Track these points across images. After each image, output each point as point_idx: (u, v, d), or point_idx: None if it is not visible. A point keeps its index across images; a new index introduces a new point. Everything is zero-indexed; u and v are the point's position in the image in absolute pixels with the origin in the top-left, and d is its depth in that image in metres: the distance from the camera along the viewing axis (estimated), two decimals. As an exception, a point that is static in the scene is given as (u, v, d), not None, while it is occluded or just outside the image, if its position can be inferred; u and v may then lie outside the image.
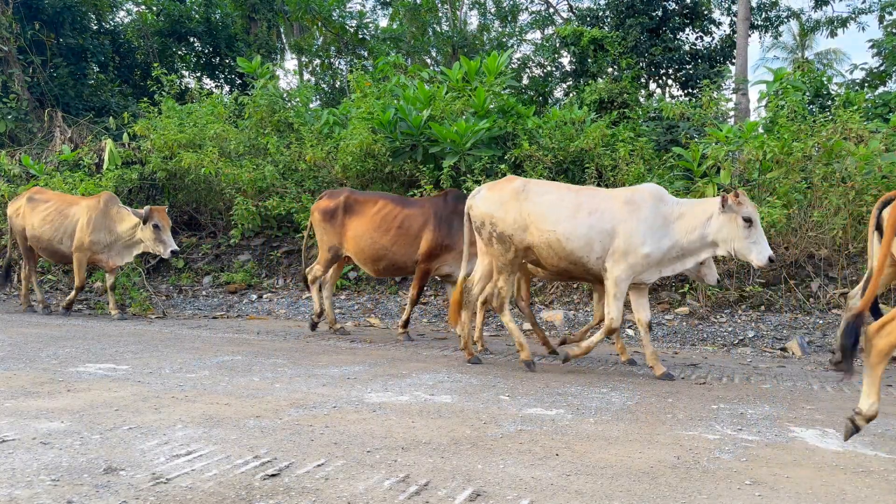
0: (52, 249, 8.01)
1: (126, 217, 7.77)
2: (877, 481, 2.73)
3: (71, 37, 14.73)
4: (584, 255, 4.83)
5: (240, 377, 4.48)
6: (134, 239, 7.78)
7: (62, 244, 7.91)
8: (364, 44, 20.43)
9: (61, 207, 7.99)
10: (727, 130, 8.24)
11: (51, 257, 8.23)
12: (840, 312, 7.08)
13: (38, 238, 8.00)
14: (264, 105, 10.82)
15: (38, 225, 7.98)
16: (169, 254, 7.56)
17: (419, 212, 6.47)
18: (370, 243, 6.52)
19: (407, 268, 6.60)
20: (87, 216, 7.77)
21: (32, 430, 3.11)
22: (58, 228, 7.90)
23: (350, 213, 6.68)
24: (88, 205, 7.87)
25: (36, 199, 8.14)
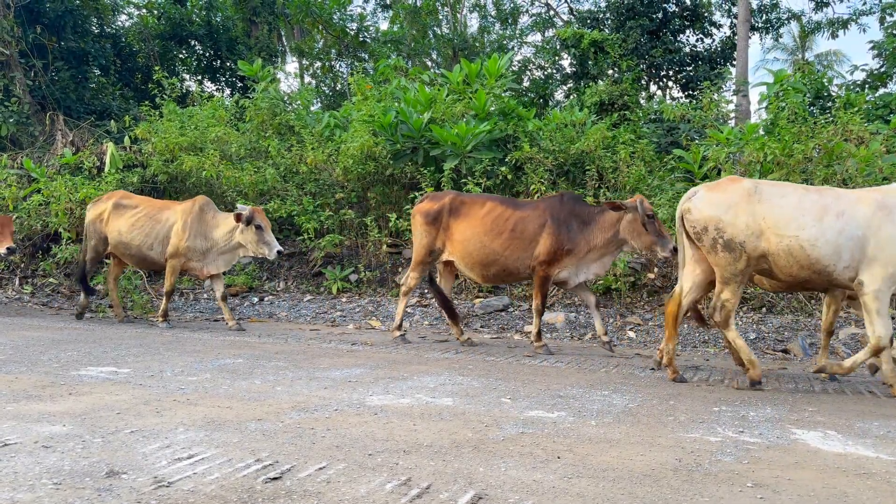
0: (140, 256, 7.53)
1: (222, 222, 7.33)
2: (879, 483, 2.73)
3: (72, 40, 14.75)
4: (831, 263, 4.42)
5: (241, 380, 4.48)
6: (231, 244, 7.26)
7: (152, 250, 7.43)
8: (365, 46, 20.46)
9: (151, 212, 7.55)
10: (728, 132, 8.24)
11: (138, 264, 7.82)
12: (841, 314, 7.07)
13: (126, 244, 7.52)
14: (265, 108, 10.84)
15: (127, 231, 7.50)
16: (275, 254, 7.05)
17: (534, 214, 6.06)
18: (479, 247, 6.12)
19: (519, 274, 6.17)
20: (182, 221, 7.32)
21: (34, 433, 3.11)
22: (148, 234, 7.43)
23: (456, 215, 6.29)
24: (183, 209, 7.44)
25: (123, 205, 7.67)
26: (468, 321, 7.83)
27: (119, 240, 7.56)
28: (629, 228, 5.81)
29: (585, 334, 7.23)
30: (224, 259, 7.40)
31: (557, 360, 5.66)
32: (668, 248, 5.67)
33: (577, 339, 7.13)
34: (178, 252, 7.29)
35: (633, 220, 5.78)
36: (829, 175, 7.40)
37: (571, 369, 5.25)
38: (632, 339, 7.01)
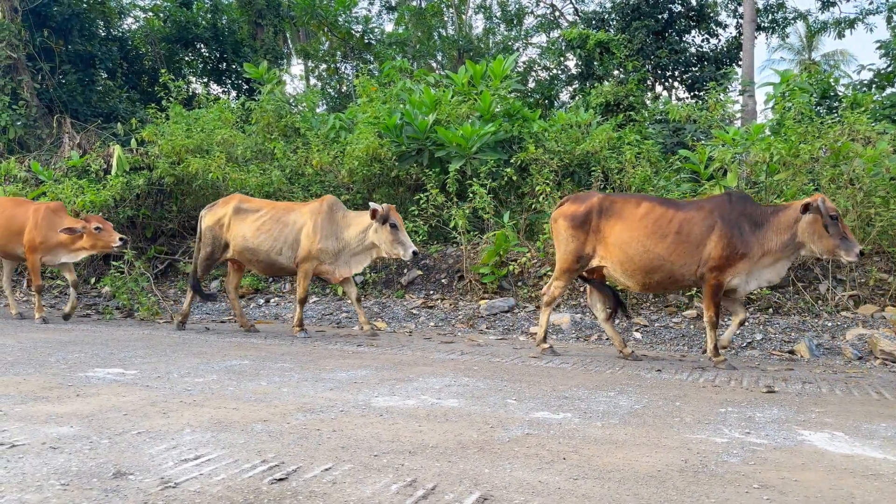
0: (268, 262, 7.02)
1: (354, 221, 6.89)
2: (886, 485, 2.72)
3: (79, 43, 14.83)
4: None
5: (247, 382, 4.49)
6: (364, 244, 6.83)
7: (281, 255, 6.92)
8: (370, 48, 20.50)
9: (277, 215, 7.03)
10: (734, 133, 8.22)
11: (264, 270, 7.27)
12: (848, 314, 7.04)
13: (252, 250, 6.97)
14: (271, 110, 10.87)
15: (252, 235, 6.97)
16: (410, 255, 6.58)
17: (699, 215, 5.50)
18: (641, 251, 5.54)
19: (683, 280, 5.62)
20: (312, 222, 6.85)
21: (42, 434, 3.13)
22: (276, 238, 6.91)
23: (608, 217, 5.74)
24: (311, 210, 6.97)
25: (244, 209, 7.16)
26: (473, 322, 7.83)
27: (245, 245, 7.02)
28: (808, 231, 5.28)
29: (591, 335, 7.22)
30: (356, 261, 6.98)
31: (563, 362, 5.65)
32: (854, 253, 5.20)
33: (583, 340, 7.12)
34: (310, 255, 6.81)
35: (814, 221, 5.25)
36: (835, 175, 7.37)
37: (577, 370, 5.25)
38: (638, 341, 6.99)
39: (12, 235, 7.85)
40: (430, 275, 9.06)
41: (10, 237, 7.87)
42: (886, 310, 6.98)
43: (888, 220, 7.19)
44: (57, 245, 7.70)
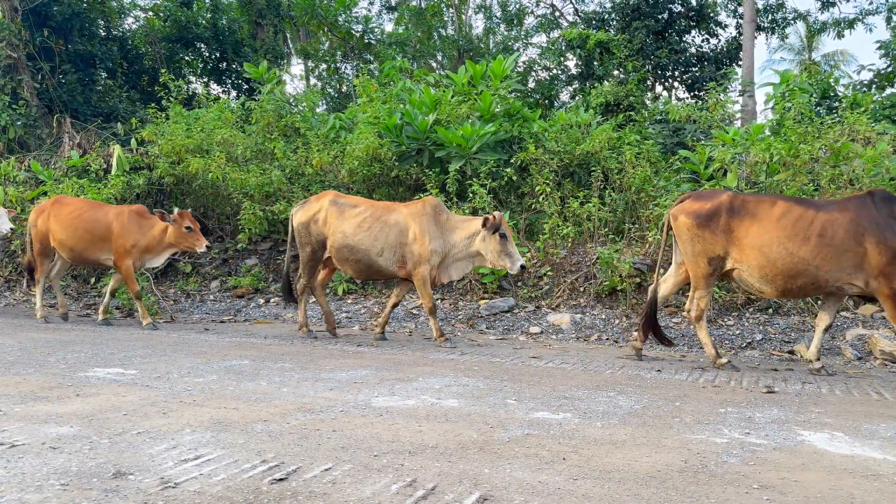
0: (367, 262, 6.60)
1: (459, 225, 6.52)
2: (886, 485, 2.72)
3: (79, 43, 14.83)
4: None
5: (247, 382, 4.49)
6: (469, 251, 6.45)
7: (381, 256, 6.52)
8: (370, 48, 20.49)
9: (377, 213, 6.65)
10: (734, 133, 8.22)
11: (360, 272, 6.81)
12: (848, 315, 7.05)
13: (352, 248, 6.58)
14: (271, 110, 10.87)
15: (353, 233, 6.59)
16: (518, 268, 6.23)
17: (843, 217, 5.12)
18: (784, 254, 5.16)
19: (826, 286, 5.22)
20: (417, 225, 6.46)
21: (42, 434, 3.13)
22: (377, 238, 6.53)
23: (740, 216, 5.35)
24: (413, 211, 6.58)
25: (342, 203, 6.79)
26: (473, 322, 7.83)
27: (344, 243, 6.63)
28: None
29: (591, 335, 7.22)
30: (458, 267, 6.59)
31: (563, 362, 5.65)
32: None
33: (583, 340, 7.12)
34: (422, 259, 6.40)
35: None
36: (835, 175, 7.37)
37: (577, 370, 5.25)
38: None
39: (95, 241, 7.56)
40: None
41: (91, 242, 7.59)
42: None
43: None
44: (146, 248, 7.50)
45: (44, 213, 7.88)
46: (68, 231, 7.65)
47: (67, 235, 7.66)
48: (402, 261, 6.52)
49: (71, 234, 7.63)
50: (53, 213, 7.78)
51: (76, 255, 7.74)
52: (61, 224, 7.69)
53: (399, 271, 6.58)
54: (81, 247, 7.63)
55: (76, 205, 7.85)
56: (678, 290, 5.28)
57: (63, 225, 7.68)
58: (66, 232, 7.66)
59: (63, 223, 7.68)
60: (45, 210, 7.92)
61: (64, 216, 7.69)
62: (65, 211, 7.73)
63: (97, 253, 7.61)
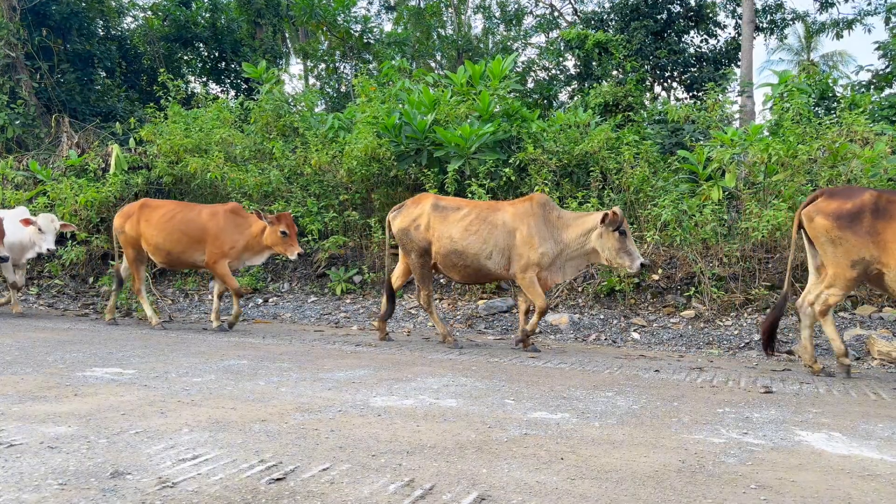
0: (476, 266, 6.24)
1: (573, 222, 6.16)
2: (883, 485, 2.72)
3: (78, 43, 14.82)
4: None
5: (245, 381, 4.49)
6: (584, 249, 6.10)
7: (490, 259, 6.17)
8: (369, 48, 20.49)
9: (483, 214, 6.28)
10: (732, 133, 8.23)
11: (468, 277, 6.47)
12: (846, 315, 7.06)
13: (460, 253, 6.21)
14: (270, 110, 10.87)
15: (460, 237, 6.21)
16: (637, 267, 5.94)
17: None
18: None
19: None
20: (525, 226, 6.11)
21: (40, 434, 3.13)
22: (486, 240, 6.16)
23: (887, 218, 4.96)
24: (520, 210, 6.20)
25: (443, 206, 6.43)
26: (472, 322, 7.83)
27: (452, 248, 6.26)
28: None
29: (589, 335, 7.23)
30: (571, 266, 6.27)
31: (561, 362, 5.65)
32: None
33: (581, 340, 7.12)
34: (531, 262, 6.07)
35: None
36: (833, 176, 7.38)
37: (575, 371, 5.25)
38: (636, 341, 7.00)
39: (191, 243, 7.23)
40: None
41: (188, 244, 7.25)
42: (884, 310, 6.99)
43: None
44: (244, 248, 7.22)
45: (132, 218, 7.48)
46: (163, 234, 7.28)
47: (163, 239, 7.29)
48: (508, 263, 6.21)
49: (166, 238, 7.27)
50: (144, 217, 7.42)
51: (173, 258, 7.39)
52: (155, 228, 7.32)
53: (508, 275, 6.28)
54: (179, 250, 7.28)
55: (167, 207, 7.52)
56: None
57: (157, 228, 7.31)
58: (161, 235, 7.29)
59: (157, 226, 7.32)
60: (132, 214, 7.51)
61: (156, 219, 7.35)
62: (157, 214, 7.40)
63: (194, 255, 7.29)
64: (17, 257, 8.17)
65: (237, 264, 7.37)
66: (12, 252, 7.87)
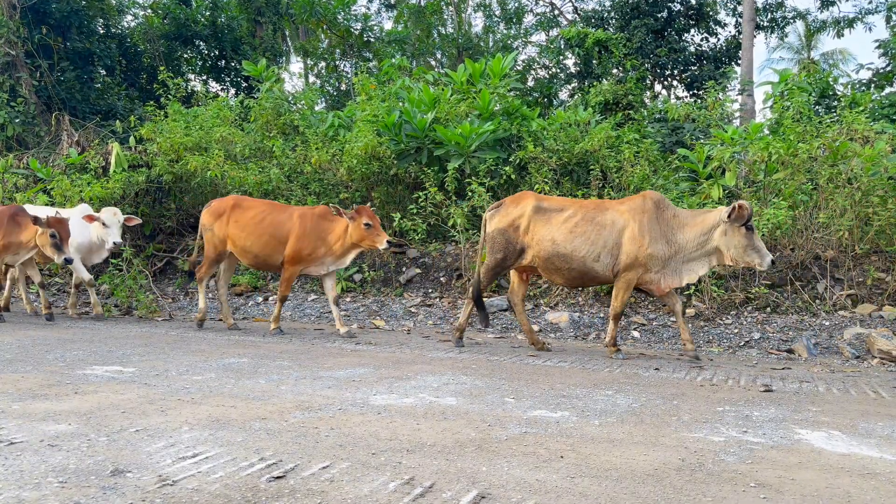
0: (582, 270, 5.87)
1: (690, 221, 5.73)
2: (882, 484, 2.73)
3: (78, 41, 14.82)
4: None
5: (245, 379, 4.49)
6: (705, 248, 5.69)
7: (598, 262, 5.79)
8: (369, 46, 20.49)
9: (589, 214, 5.92)
10: (732, 132, 8.23)
11: (573, 281, 6.07)
12: (846, 314, 7.06)
13: (565, 256, 5.84)
14: (270, 108, 10.87)
15: (565, 239, 5.86)
16: (768, 264, 5.57)
17: None
18: None
19: None
20: (636, 223, 5.73)
21: (40, 432, 3.13)
22: (594, 242, 5.79)
23: None
24: (632, 208, 5.83)
25: (546, 208, 6.06)
26: (472, 321, 7.83)
27: (555, 251, 5.89)
28: None
29: (589, 334, 7.23)
30: (689, 269, 5.81)
31: (561, 360, 5.66)
32: None
33: (581, 338, 7.13)
34: (636, 262, 5.71)
35: None
36: (833, 174, 7.38)
37: (575, 369, 5.26)
38: (636, 339, 7.00)
39: (278, 245, 6.90)
40: (428, 273, 9.07)
41: (275, 247, 6.91)
42: (884, 309, 6.99)
43: (886, 220, 7.21)
44: (325, 253, 6.86)
45: (222, 217, 7.15)
46: (252, 236, 6.96)
47: (252, 241, 6.96)
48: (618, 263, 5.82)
49: (255, 240, 6.95)
50: (234, 218, 7.09)
51: (260, 261, 7.07)
52: (244, 229, 7.01)
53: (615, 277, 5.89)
54: (267, 252, 6.96)
55: (259, 208, 7.17)
56: None
57: (247, 230, 6.99)
58: (251, 238, 6.97)
59: (246, 228, 7.00)
60: (223, 213, 7.16)
61: (246, 220, 7.03)
62: (247, 215, 7.06)
63: (280, 258, 6.94)
64: (88, 257, 7.97)
65: (323, 269, 6.98)
66: (80, 251, 7.76)
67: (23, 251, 7.43)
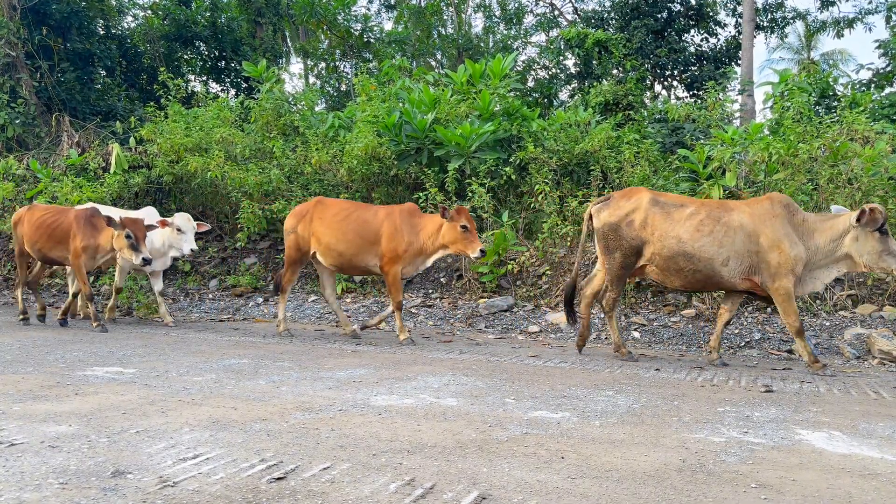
0: (707, 273, 5.46)
1: (819, 226, 5.42)
2: (883, 484, 2.73)
3: (78, 42, 14.82)
4: None
5: (246, 380, 4.49)
6: (833, 256, 5.38)
7: (726, 266, 5.41)
8: (369, 47, 20.49)
9: (716, 214, 5.51)
10: (732, 132, 8.22)
11: (694, 284, 5.66)
12: (847, 314, 7.05)
13: (690, 256, 5.44)
14: (270, 109, 10.86)
15: (691, 238, 5.44)
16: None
17: None
18: None
19: None
20: (770, 227, 5.36)
21: (41, 433, 3.13)
22: (722, 244, 5.39)
23: None
24: (762, 212, 5.45)
25: (665, 203, 5.69)
26: (472, 321, 7.83)
27: (680, 250, 5.48)
28: None
29: (590, 335, 7.22)
30: (818, 276, 5.49)
31: (562, 361, 5.65)
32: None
33: (582, 339, 7.12)
34: (785, 269, 5.31)
35: None
36: (834, 175, 7.38)
37: (576, 370, 5.25)
38: (636, 340, 7.00)
39: (365, 245, 6.57)
40: (428, 273, 9.07)
41: (361, 247, 6.59)
42: (885, 309, 6.99)
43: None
44: (419, 251, 6.49)
45: (305, 217, 6.82)
46: (337, 233, 6.64)
47: (336, 240, 6.63)
48: (748, 272, 5.44)
49: (340, 239, 6.62)
50: (318, 215, 6.77)
51: (345, 261, 6.71)
52: (329, 226, 6.69)
53: (741, 283, 5.51)
54: (352, 252, 6.61)
55: (341, 205, 6.91)
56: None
57: (332, 227, 6.67)
58: (335, 236, 6.64)
59: (330, 226, 6.68)
60: (306, 213, 6.85)
61: (330, 217, 6.72)
62: (329, 213, 6.77)
63: (368, 259, 6.62)
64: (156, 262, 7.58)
65: (411, 270, 6.69)
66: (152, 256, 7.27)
67: (100, 255, 7.16)
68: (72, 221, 7.19)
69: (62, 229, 7.26)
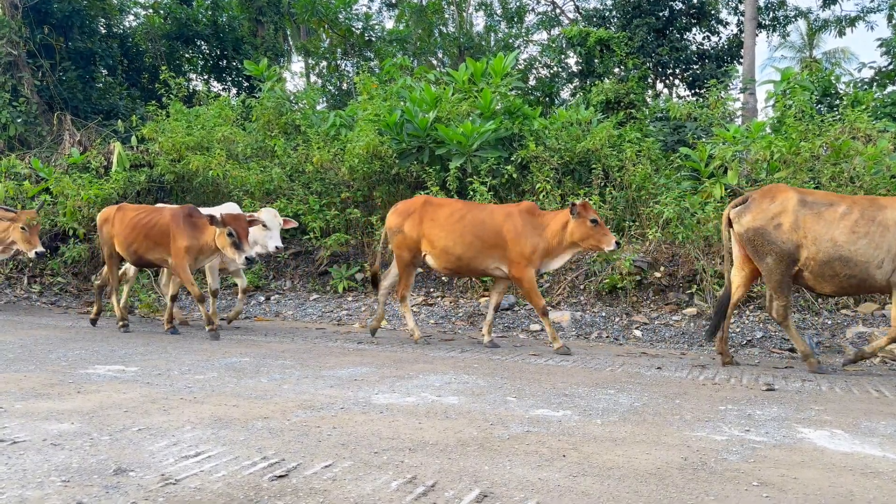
0: (862, 277, 5.04)
1: None
2: (885, 483, 2.72)
3: (79, 40, 14.83)
4: None
5: (248, 379, 4.50)
6: None
7: (881, 268, 4.98)
8: (370, 46, 20.49)
9: (869, 212, 5.06)
10: (734, 130, 8.22)
11: (845, 290, 5.26)
12: (848, 312, 7.05)
13: (846, 261, 5.02)
14: (271, 107, 10.87)
15: (847, 240, 5.02)
16: None
17: None
18: None
19: None
20: None
21: (43, 431, 3.14)
22: (878, 245, 4.97)
23: None
24: None
25: (813, 203, 5.24)
26: (474, 320, 7.83)
27: (836, 254, 5.05)
28: None
29: (591, 333, 7.22)
30: None
31: (563, 359, 5.65)
32: None
33: (583, 337, 7.12)
34: None
35: None
36: (836, 173, 7.37)
37: (577, 368, 5.25)
38: (638, 338, 7.00)
39: (484, 248, 6.20)
40: (430, 272, 9.06)
41: (480, 250, 6.21)
42: (886, 307, 6.98)
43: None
44: (546, 251, 6.16)
45: (412, 216, 6.47)
46: (454, 235, 6.26)
47: (454, 241, 6.25)
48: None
49: (457, 241, 6.25)
50: (429, 216, 6.42)
51: (462, 264, 6.35)
52: (444, 228, 6.32)
53: (887, 286, 5.11)
54: (470, 255, 6.24)
55: (453, 206, 6.53)
56: None
57: (447, 229, 6.30)
58: (452, 237, 6.27)
59: (446, 227, 6.31)
60: (413, 212, 6.50)
61: (444, 219, 6.35)
62: (443, 213, 6.41)
63: (486, 262, 6.27)
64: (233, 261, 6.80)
65: (542, 269, 6.38)
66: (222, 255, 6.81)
67: (203, 256, 6.66)
68: (169, 221, 6.65)
69: (159, 229, 6.70)
